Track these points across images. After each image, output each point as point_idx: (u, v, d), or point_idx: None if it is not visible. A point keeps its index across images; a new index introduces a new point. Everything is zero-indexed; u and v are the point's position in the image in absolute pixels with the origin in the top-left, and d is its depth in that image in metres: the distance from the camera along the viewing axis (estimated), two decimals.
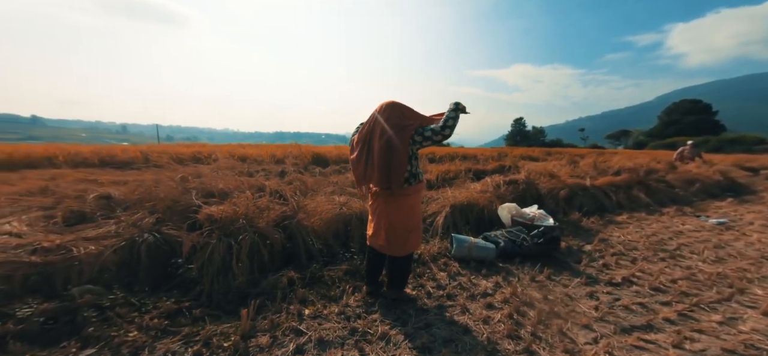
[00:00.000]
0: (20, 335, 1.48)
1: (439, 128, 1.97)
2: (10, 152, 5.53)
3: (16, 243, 2.05)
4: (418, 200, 2.18)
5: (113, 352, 1.47)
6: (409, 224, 2.11)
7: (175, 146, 8.67)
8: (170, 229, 2.28)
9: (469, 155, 10.32)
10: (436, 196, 4.39)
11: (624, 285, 2.66)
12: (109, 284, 1.93)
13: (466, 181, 5.63)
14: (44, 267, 1.91)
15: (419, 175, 2.14)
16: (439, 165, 6.86)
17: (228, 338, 1.60)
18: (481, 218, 4.05)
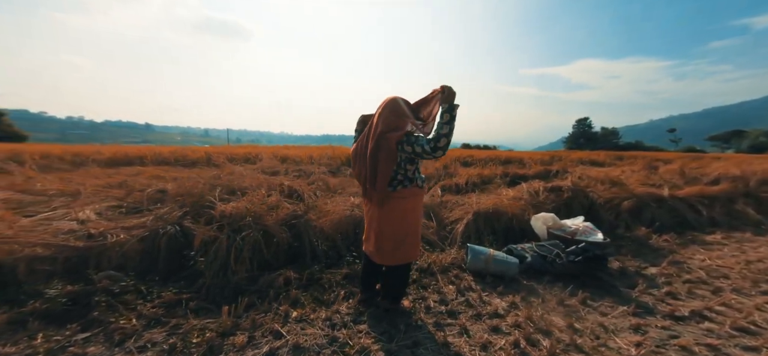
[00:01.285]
0: (42, 314, 1.67)
1: (431, 148, 1.72)
2: (114, 152, 6.61)
3: (68, 228, 2.36)
4: (412, 206, 1.95)
5: (106, 337, 1.56)
6: (400, 231, 1.91)
7: (234, 147, 9.53)
8: (189, 223, 2.42)
9: (513, 158, 9.48)
10: (461, 202, 4.06)
11: (691, 320, 2.11)
12: (133, 271, 2.11)
13: (500, 187, 5.14)
14: (83, 252, 2.16)
15: (417, 179, 1.93)
16: (471, 168, 6.40)
17: (205, 333, 1.61)
18: (510, 228, 3.63)
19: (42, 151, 6.46)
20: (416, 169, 1.95)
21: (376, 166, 1.81)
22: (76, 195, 3.20)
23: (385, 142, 1.79)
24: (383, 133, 1.80)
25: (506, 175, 6.07)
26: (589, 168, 8.00)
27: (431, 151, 1.72)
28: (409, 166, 1.87)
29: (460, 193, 4.66)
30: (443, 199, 4.20)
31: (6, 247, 2.08)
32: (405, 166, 1.85)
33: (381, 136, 1.80)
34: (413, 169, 1.90)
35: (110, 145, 9.29)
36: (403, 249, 1.94)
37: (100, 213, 2.79)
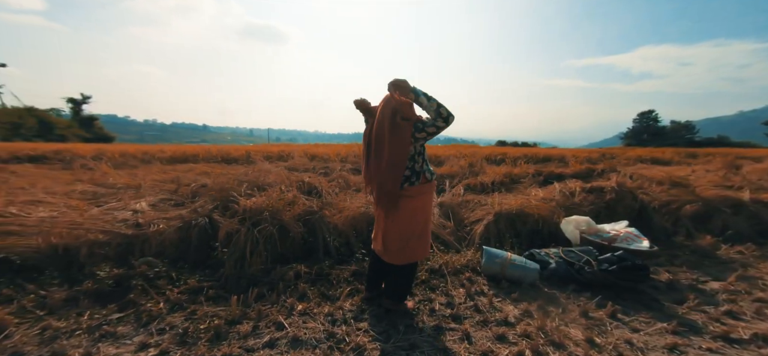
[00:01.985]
0: (92, 293, 1.92)
1: (443, 120, 1.70)
2: (174, 151, 7.43)
3: (124, 218, 2.71)
4: (422, 203, 1.89)
5: (135, 318, 1.76)
6: (408, 230, 1.87)
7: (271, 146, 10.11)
8: (218, 216, 2.63)
9: (553, 156, 8.73)
10: (484, 202, 3.86)
11: (750, 345, 1.81)
12: (167, 258, 2.35)
13: (530, 186, 4.79)
14: (131, 239, 2.46)
15: (426, 173, 1.86)
16: (499, 167, 6.04)
17: (213, 320, 1.74)
18: (536, 232, 3.37)
19: (121, 150, 7.48)
20: (424, 161, 1.89)
21: (391, 159, 1.72)
22: (137, 188, 3.65)
23: (400, 132, 1.72)
24: (396, 125, 1.73)
25: (539, 174, 5.64)
26: (648, 167, 7.13)
27: (444, 120, 1.69)
28: (418, 157, 1.82)
29: (485, 193, 4.44)
30: (465, 199, 4.03)
31: (75, 232, 2.44)
32: (415, 157, 1.80)
33: (395, 127, 1.72)
34: (421, 161, 1.85)
35: (172, 145, 10.46)
36: (411, 248, 1.89)
37: (154, 205, 3.14)
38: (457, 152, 7.64)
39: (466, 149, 9.77)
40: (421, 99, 1.74)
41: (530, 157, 8.42)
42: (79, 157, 5.77)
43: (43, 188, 3.59)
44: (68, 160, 5.71)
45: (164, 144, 11.97)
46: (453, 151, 8.04)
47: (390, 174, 1.75)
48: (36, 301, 1.83)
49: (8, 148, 7.15)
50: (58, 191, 3.45)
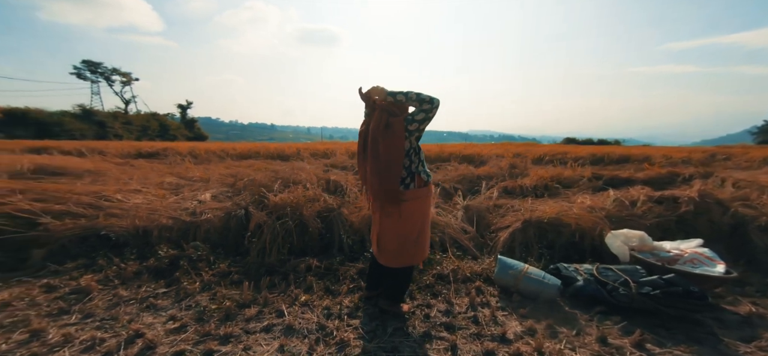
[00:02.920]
0: (152, 269, 2.37)
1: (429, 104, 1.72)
2: (243, 148, 8.51)
3: (189, 206, 3.25)
4: (419, 206, 1.86)
5: (175, 294, 2.12)
6: (403, 233, 1.87)
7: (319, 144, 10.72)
8: (253, 208, 2.97)
9: (635, 156, 7.42)
10: (518, 207, 3.55)
11: None
12: (210, 243, 2.76)
13: (583, 192, 4.22)
14: (189, 225, 2.94)
15: (421, 174, 1.84)
16: (545, 168, 5.40)
17: (225, 302, 2.00)
18: (574, 244, 2.99)
19: (206, 147, 8.85)
20: (421, 162, 1.86)
21: (387, 159, 1.72)
22: (207, 181, 4.32)
23: (392, 129, 1.72)
24: (388, 124, 1.73)
25: (598, 177, 4.91)
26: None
27: (429, 102, 1.71)
28: (413, 156, 1.81)
29: (524, 197, 4.07)
30: (497, 203, 3.77)
31: (152, 217, 3.03)
32: (410, 155, 1.79)
33: (387, 125, 1.73)
34: (417, 161, 1.83)
35: (243, 143, 11.93)
36: (407, 251, 1.90)
37: (215, 197, 3.69)
38: (504, 151, 7.10)
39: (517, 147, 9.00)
40: (399, 98, 1.74)
41: (602, 157, 7.39)
42: (177, 154, 7.00)
43: (143, 178, 4.49)
44: (170, 156, 7.01)
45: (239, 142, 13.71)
46: (500, 150, 7.50)
47: (388, 171, 1.75)
48: (116, 272, 2.35)
49: (135, 146, 9.07)
50: (153, 182, 4.27)
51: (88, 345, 1.57)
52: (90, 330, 1.71)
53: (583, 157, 7.42)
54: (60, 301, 1.98)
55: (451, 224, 3.15)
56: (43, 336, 1.62)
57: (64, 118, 27.01)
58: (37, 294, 2.07)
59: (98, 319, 1.82)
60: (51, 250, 2.65)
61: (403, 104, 1.80)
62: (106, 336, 1.64)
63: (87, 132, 26.45)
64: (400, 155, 1.75)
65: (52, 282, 2.21)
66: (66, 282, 2.21)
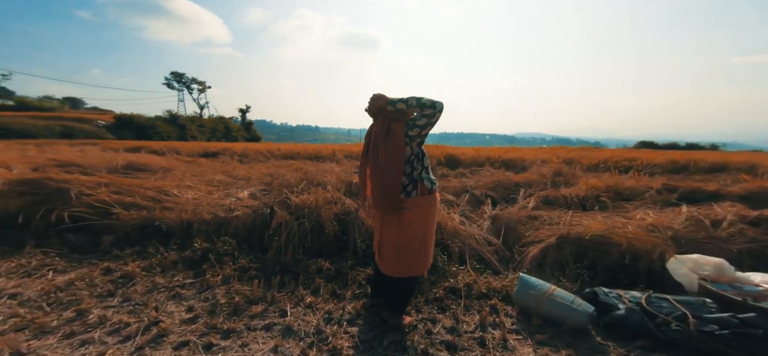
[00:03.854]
0: (187, 260, 2.60)
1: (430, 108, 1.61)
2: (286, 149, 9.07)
3: (227, 203, 3.52)
4: (421, 216, 1.75)
5: (198, 285, 2.28)
6: (403, 242, 1.77)
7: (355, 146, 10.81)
8: (277, 208, 3.10)
9: (733, 164, 6.07)
10: (555, 219, 3.15)
11: None
12: (237, 238, 2.95)
13: (646, 206, 3.59)
14: (223, 221, 3.17)
15: (425, 181, 1.73)
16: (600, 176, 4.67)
17: (234, 297, 2.09)
18: (624, 267, 2.54)
19: (256, 148, 9.62)
20: (424, 168, 1.75)
21: (387, 163, 1.65)
22: (248, 180, 4.67)
23: (392, 133, 1.66)
24: (389, 129, 1.67)
25: (671, 189, 4.12)
26: None
27: (431, 107, 1.61)
28: (415, 162, 1.71)
29: (568, 209, 3.60)
30: (533, 214, 3.39)
31: (197, 211, 3.35)
32: (412, 161, 1.70)
33: (388, 131, 1.68)
34: (420, 167, 1.73)
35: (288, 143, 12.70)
36: (407, 261, 1.80)
37: (252, 195, 3.96)
38: (552, 156, 6.41)
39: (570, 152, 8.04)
40: (399, 105, 1.66)
41: (685, 164, 6.27)
42: (233, 154, 7.74)
43: (200, 175, 5.02)
44: (226, 155, 7.79)
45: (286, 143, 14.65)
46: (547, 154, 6.79)
47: (388, 178, 1.68)
48: (159, 260, 2.63)
49: (203, 147, 10.28)
50: (205, 179, 4.75)
51: (114, 329, 1.76)
52: (122, 313, 1.92)
53: (656, 165, 6.36)
54: (110, 284, 2.27)
55: (474, 234, 2.92)
56: (86, 316, 1.86)
57: (156, 122, 31.91)
58: (96, 275, 2.41)
59: (132, 304, 2.05)
60: (118, 237, 3.08)
61: (404, 111, 1.70)
62: (132, 321, 1.83)
63: (172, 133, 30.82)
64: (400, 161, 1.66)
65: (111, 265, 2.56)
66: (120, 267, 2.53)
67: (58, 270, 2.53)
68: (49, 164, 6.47)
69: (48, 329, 1.73)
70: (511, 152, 7.09)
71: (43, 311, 1.91)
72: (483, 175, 4.87)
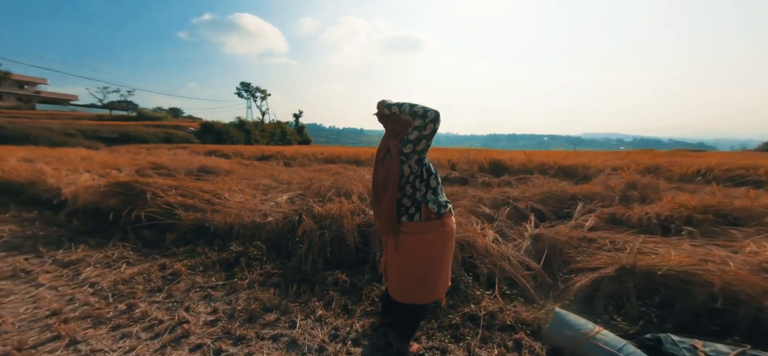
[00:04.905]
0: (223, 261, 2.89)
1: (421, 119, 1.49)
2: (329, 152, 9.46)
3: (264, 208, 3.82)
4: (426, 242, 1.64)
5: (227, 288, 2.50)
6: (404, 267, 1.68)
7: None
8: (305, 215, 3.24)
9: None
10: (619, 244, 2.65)
11: None
12: (267, 243, 3.15)
13: (757, 235, 2.79)
14: (258, 226, 3.43)
15: (430, 204, 1.60)
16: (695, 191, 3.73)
17: (252, 304, 2.22)
18: (713, 312, 2.01)
19: (303, 151, 10.26)
20: (429, 189, 1.62)
21: (384, 182, 1.61)
22: (289, 184, 4.99)
23: (390, 152, 1.60)
24: (389, 146, 1.61)
25: None
26: None
27: (421, 117, 1.49)
28: (418, 183, 1.60)
29: (643, 231, 3.01)
30: (590, 235, 2.91)
31: (239, 214, 3.70)
32: (412, 182, 1.58)
33: (388, 150, 1.63)
34: (423, 188, 1.60)
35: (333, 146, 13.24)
36: (411, 288, 1.71)
37: (291, 199, 4.23)
38: (628, 162, 5.42)
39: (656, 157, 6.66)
40: (394, 109, 1.58)
41: None
42: (282, 157, 8.39)
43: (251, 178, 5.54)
44: (277, 158, 8.48)
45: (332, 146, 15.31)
46: (622, 160, 5.77)
47: (384, 194, 1.62)
48: (202, 260, 2.97)
49: (260, 150, 11.42)
50: (253, 183, 5.22)
51: (150, 325, 2.03)
52: (162, 310, 2.21)
53: None
54: (161, 280, 2.64)
55: (509, 255, 2.63)
56: (133, 310, 2.18)
57: (229, 127, 36.80)
58: (153, 271, 2.81)
59: (172, 301, 2.34)
60: (178, 235, 3.57)
61: (398, 118, 1.60)
62: (166, 319, 2.08)
63: (240, 138, 35.23)
64: (394, 181, 1.57)
65: (166, 262, 2.97)
66: (172, 264, 2.92)
67: (130, 263, 3.03)
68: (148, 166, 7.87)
69: (103, 319, 2.07)
70: (572, 157, 6.15)
71: (106, 301, 2.31)
72: (531, 184, 4.36)
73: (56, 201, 4.88)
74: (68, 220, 4.39)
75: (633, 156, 7.17)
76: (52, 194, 5.04)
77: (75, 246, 3.44)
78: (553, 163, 5.11)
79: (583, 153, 8.58)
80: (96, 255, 3.21)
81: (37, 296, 2.41)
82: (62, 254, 3.29)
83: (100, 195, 4.55)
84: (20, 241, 3.70)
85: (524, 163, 5.24)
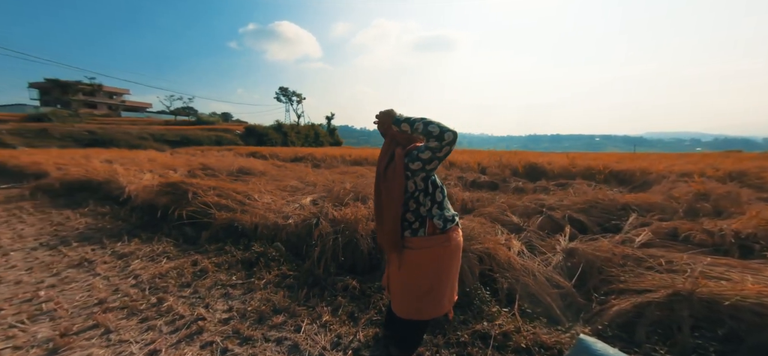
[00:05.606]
0: (246, 260, 3.06)
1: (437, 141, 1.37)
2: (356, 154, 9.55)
3: (288, 210, 3.98)
4: (431, 258, 1.55)
5: (245, 287, 2.64)
6: (407, 283, 1.61)
7: None
8: (323, 219, 3.30)
9: None
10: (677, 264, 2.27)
11: None
12: (286, 244, 3.27)
13: None
14: (279, 227, 3.59)
15: (435, 219, 1.51)
16: None
17: (261, 306, 2.30)
18: None
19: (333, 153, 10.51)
20: (435, 203, 1.53)
21: (386, 196, 1.53)
22: (315, 186, 5.16)
23: (393, 164, 1.51)
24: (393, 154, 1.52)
25: None
26: None
27: (437, 139, 1.37)
28: (423, 198, 1.53)
29: (716, 252, 2.56)
30: (640, 253, 2.54)
31: (264, 215, 3.91)
32: (417, 196, 1.51)
33: (391, 158, 1.53)
34: (429, 203, 1.52)
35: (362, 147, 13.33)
36: (413, 304, 1.64)
37: (315, 202, 4.37)
38: (703, 166, 4.61)
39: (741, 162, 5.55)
40: (404, 126, 1.47)
41: None
42: (313, 159, 8.70)
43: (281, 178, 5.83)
44: (308, 160, 8.82)
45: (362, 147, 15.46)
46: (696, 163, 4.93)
47: (386, 210, 1.57)
48: (228, 259, 3.18)
49: (294, 152, 12.00)
50: (282, 184, 5.49)
51: (172, 319, 2.21)
52: (186, 305, 2.40)
53: None
54: (191, 276, 2.88)
55: (534, 270, 2.40)
56: (162, 304, 2.40)
57: (269, 130, 39.54)
58: (186, 267, 3.09)
59: (197, 297, 2.53)
60: (212, 233, 3.88)
61: (409, 135, 1.52)
62: (186, 314, 2.26)
63: (278, 140, 37.79)
64: (398, 195, 1.49)
65: (198, 258, 3.25)
66: (202, 260, 3.18)
67: (169, 258, 3.36)
68: (198, 167, 8.73)
69: (136, 311, 2.31)
70: (628, 161, 5.33)
71: (142, 294, 2.58)
72: (572, 191, 3.93)
73: (122, 198, 5.62)
74: (129, 215, 5.01)
75: (711, 159, 6.05)
76: (120, 191, 5.82)
77: (129, 240, 3.91)
78: (603, 167, 4.49)
79: (643, 156, 7.50)
80: (144, 249, 3.61)
81: (92, 285, 2.78)
82: (120, 246, 3.75)
83: (154, 194, 5.13)
84: (92, 233, 4.30)
85: (566, 167, 4.69)
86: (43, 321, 2.17)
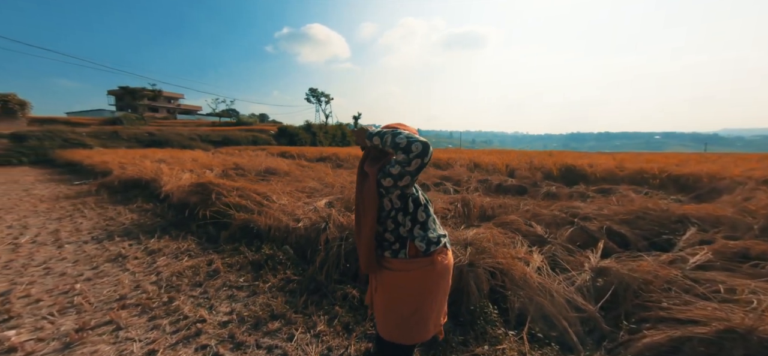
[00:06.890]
0: (256, 262, 3.17)
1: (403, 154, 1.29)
2: None
3: (300, 212, 4.06)
4: (412, 280, 1.46)
5: (251, 288, 2.73)
6: (389, 305, 1.54)
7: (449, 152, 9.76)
8: (331, 224, 3.30)
9: None
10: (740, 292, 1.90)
11: None
12: (294, 247, 3.32)
13: None
14: (290, 229, 3.66)
15: (417, 240, 1.43)
16: None
17: (263, 309, 2.35)
18: None
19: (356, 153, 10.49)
20: (417, 224, 1.46)
21: (360, 214, 1.50)
22: (332, 187, 5.21)
23: (367, 180, 1.46)
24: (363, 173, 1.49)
25: None
26: None
27: (404, 151, 1.28)
28: (402, 217, 1.46)
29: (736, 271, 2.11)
30: (694, 275, 2.18)
31: (278, 217, 4.03)
32: (395, 217, 1.44)
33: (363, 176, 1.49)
34: (409, 223, 1.45)
35: None
36: (396, 328, 1.57)
37: (331, 204, 4.42)
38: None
39: None
40: (375, 140, 1.40)
41: None
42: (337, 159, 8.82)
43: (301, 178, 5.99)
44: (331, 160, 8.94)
45: None
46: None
47: (361, 227, 1.52)
48: (240, 260, 3.33)
49: (319, 151, 12.29)
50: (300, 185, 5.62)
51: (177, 320, 2.35)
52: (193, 305, 2.54)
53: None
54: (204, 275, 3.05)
55: (553, 289, 2.17)
56: (171, 303, 2.57)
57: (299, 130, 41.18)
58: (202, 266, 3.28)
59: (204, 297, 2.67)
60: (230, 234, 4.09)
61: (381, 150, 1.44)
62: (190, 315, 2.39)
63: (307, 140, 39.19)
64: (372, 207, 1.42)
65: (214, 258, 3.44)
66: (216, 260, 3.36)
67: (190, 256, 3.60)
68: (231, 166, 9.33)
69: (148, 309, 2.50)
70: (694, 163, 4.49)
71: (158, 291, 2.78)
72: (616, 198, 3.48)
73: (162, 196, 6.17)
74: (166, 213, 5.48)
75: None
76: (160, 190, 6.39)
77: (161, 237, 4.27)
78: (659, 171, 3.86)
79: (714, 156, 6.40)
80: (172, 246, 3.92)
81: (119, 280, 3.07)
82: (152, 243, 4.11)
83: (186, 193, 5.57)
84: (133, 228, 4.77)
85: (611, 170, 4.12)
86: (70, 314, 2.44)
